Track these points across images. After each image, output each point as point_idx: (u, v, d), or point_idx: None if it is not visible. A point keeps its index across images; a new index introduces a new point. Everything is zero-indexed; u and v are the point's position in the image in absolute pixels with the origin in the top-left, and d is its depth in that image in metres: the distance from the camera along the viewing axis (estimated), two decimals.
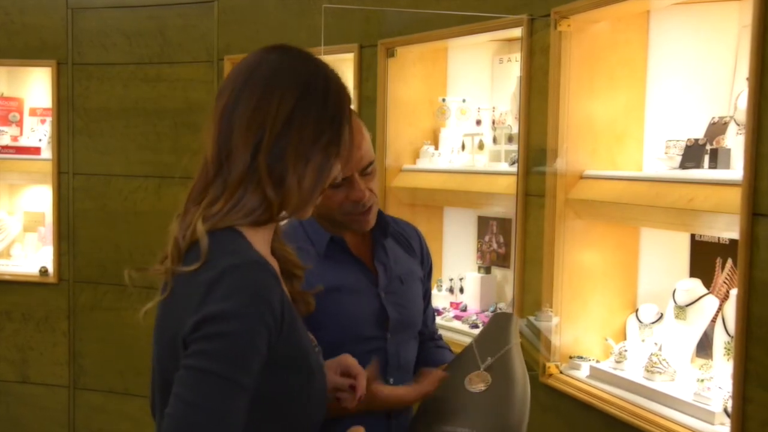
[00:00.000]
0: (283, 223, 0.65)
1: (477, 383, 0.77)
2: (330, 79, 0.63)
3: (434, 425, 0.75)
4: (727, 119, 1.18)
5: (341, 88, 0.64)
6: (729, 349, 1.11)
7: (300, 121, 0.60)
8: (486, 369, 0.77)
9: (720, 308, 1.18)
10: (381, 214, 0.87)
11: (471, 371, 0.78)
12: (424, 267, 0.93)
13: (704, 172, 1.14)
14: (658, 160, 1.27)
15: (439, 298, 1.72)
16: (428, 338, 0.94)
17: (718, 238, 1.22)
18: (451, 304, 1.72)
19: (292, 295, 0.66)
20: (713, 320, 1.19)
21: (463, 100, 1.71)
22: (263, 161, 0.59)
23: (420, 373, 0.81)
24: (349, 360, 0.69)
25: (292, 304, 0.62)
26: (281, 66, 0.61)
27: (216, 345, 0.55)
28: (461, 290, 1.72)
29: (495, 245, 1.70)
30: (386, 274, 0.85)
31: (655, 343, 1.26)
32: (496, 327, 0.83)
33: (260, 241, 0.62)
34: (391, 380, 0.85)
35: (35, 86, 2.39)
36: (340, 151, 0.62)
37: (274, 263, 0.64)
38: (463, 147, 1.66)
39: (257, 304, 0.56)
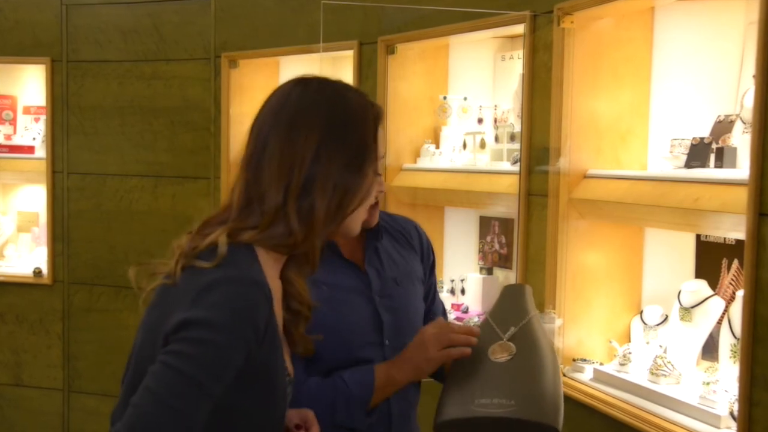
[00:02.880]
0: None
1: (501, 353, 0.75)
2: (350, 107, 0.65)
3: (468, 400, 0.73)
4: (734, 117, 1.17)
5: (363, 111, 0.66)
6: (735, 352, 1.10)
7: (326, 159, 0.63)
8: (509, 339, 0.75)
9: (726, 310, 1.17)
10: None
11: (492, 343, 0.76)
12: (425, 262, 0.91)
13: (710, 172, 1.12)
14: (663, 159, 1.25)
15: None
16: None
17: (724, 238, 1.21)
18: (453, 305, 1.70)
19: (294, 337, 0.68)
20: (719, 322, 1.18)
21: (465, 98, 1.70)
22: (293, 203, 0.62)
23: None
24: (309, 414, 0.70)
25: (278, 331, 0.63)
26: (302, 105, 0.64)
27: (194, 349, 0.56)
28: (462, 291, 1.70)
29: (497, 246, 1.68)
30: (379, 278, 0.84)
31: (660, 346, 1.25)
32: (511, 299, 0.81)
33: (270, 261, 0.64)
34: None
35: (29, 84, 2.37)
36: (366, 172, 0.65)
37: (278, 286, 0.65)
38: (465, 146, 1.65)
39: (241, 320, 0.58)
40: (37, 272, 2.23)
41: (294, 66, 1.93)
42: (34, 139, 2.31)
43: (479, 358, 0.76)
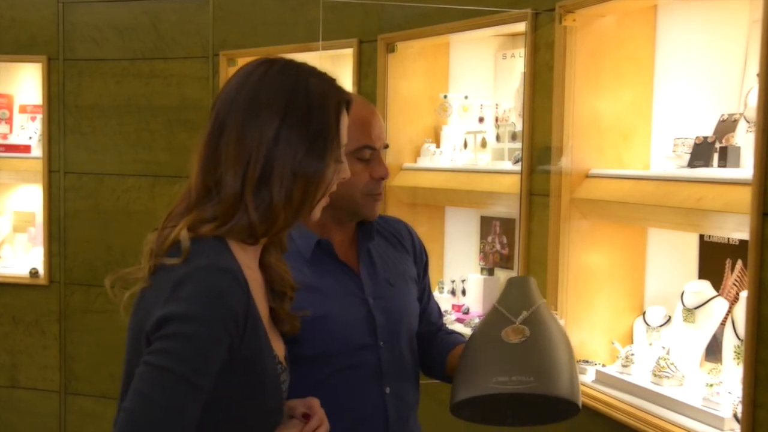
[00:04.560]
0: None
1: (514, 336, 0.74)
2: (311, 92, 0.62)
3: (485, 379, 0.72)
4: (737, 116, 1.16)
5: (325, 96, 0.63)
6: (739, 353, 1.09)
7: (285, 143, 0.61)
8: (522, 322, 0.75)
9: (730, 311, 1.16)
10: None
11: (504, 327, 0.75)
12: (419, 263, 0.90)
13: (713, 171, 1.11)
14: (666, 158, 1.24)
15: (441, 301, 1.68)
16: (437, 330, 0.91)
17: (728, 238, 1.20)
18: (453, 306, 1.69)
19: (280, 315, 0.66)
20: (723, 323, 1.17)
21: (466, 97, 1.69)
22: (250, 191, 0.61)
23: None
24: (314, 402, 0.68)
25: (260, 317, 0.62)
26: (262, 86, 0.62)
27: (175, 345, 0.56)
28: (463, 292, 1.69)
29: (498, 246, 1.67)
30: (372, 279, 0.83)
31: (663, 347, 1.24)
32: (517, 289, 0.81)
33: (244, 250, 0.63)
34: (388, 390, 0.82)
35: (25, 82, 2.35)
36: (328, 160, 0.63)
37: (257, 276, 0.64)
38: (466, 145, 1.64)
39: (218, 309, 0.57)
40: (34, 273, 2.21)
41: None
42: (30, 138, 2.29)
43: (492, 341, 0.75)
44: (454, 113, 1.69)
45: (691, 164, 1.16)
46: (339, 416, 0.75)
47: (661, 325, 1.28)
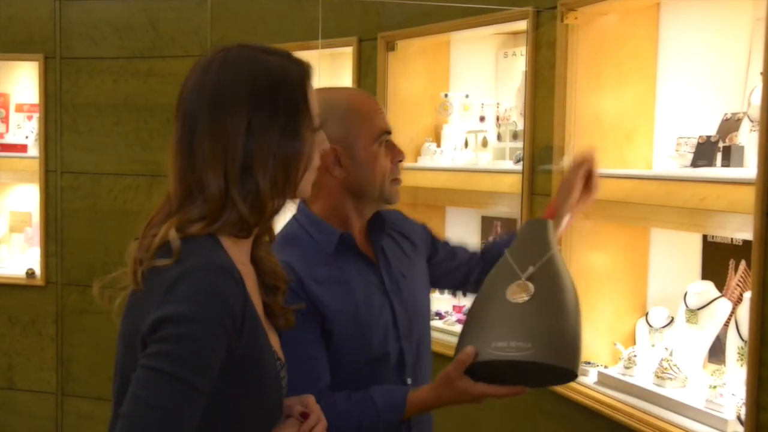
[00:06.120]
0: (282, 230, 0.66)
1: (519, 294, 0.72)
2: (272, 72, 0.61)
3: (485, 343, 0.71)
4: (741, 115, 1.15)
5: (287, 72, 0.62)
6: (742, 355, 1.08)
7: (259, 132, 0.60)
8: (528, 279, 0.73)
9: (733, 312, 1.15)
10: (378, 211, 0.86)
11: (510, 282, 0.74)
12: (424, 239, 0.91)
13: (717, 171, 1.11)
14: (669, 158, 1.24)
15: (442, 301, 1.69)
16: (480, 253, 0.93)
17: (731, 238, 1.19)
18: (454, 307, 1.68)
19: (274, 309, 0.65)
20: (726, 324, 1.16)
21: (466, 96, 1.68)
22: (235, 187, 0.60)
23: None
24: (311, 399, 0.67)
25: (257, 314, 0.61)
26: (223, 78, 0.61)
27: (172, 347, 0.55)
28: (464, 293, 1.68)
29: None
30: (388, 272, 0.84)
31: (666, 348, 1.23)
32: (531, 235, 0.78)
33: (236, 246, 0.62)
34: (409, 380, 0.83)
35: (22, 81, 2.33)
36: (304, 135, 0.62)
37: (250, 271, 0.64)
38: (466, 144, 1.63)
39: (215, 308, 0.56)
40: (30, 273, 2.19)
41: None
42: (26, 137, 2.27)
43: (497, 299, 0.73)
44: (454, 112, 1.69)
45: (694, 164, 1.15)
46: None
47: (663, 326, 1.27)
